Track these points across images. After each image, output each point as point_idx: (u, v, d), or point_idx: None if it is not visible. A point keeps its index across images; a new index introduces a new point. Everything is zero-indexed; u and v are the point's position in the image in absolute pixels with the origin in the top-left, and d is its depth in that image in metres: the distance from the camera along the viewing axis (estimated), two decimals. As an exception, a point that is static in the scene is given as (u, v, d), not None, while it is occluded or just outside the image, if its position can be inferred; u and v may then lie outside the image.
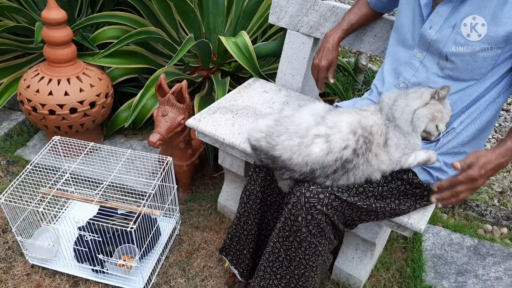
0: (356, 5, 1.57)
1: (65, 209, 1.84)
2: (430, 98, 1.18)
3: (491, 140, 2.56)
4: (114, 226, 1.50)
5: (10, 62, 2.35)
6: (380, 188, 1.24)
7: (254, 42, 2.32)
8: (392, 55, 1.35)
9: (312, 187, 1.19)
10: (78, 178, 1.81)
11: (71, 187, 1.79)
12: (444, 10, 1.18)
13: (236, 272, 1.56)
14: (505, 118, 2.77)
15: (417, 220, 1.30)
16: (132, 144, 2.23)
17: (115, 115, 2.19)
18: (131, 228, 1.39)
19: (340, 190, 1.19)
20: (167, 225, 1.80)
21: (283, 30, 1.96)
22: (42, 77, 1.88)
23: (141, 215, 1.56)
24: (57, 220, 1.79)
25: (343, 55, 3.36)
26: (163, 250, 1.73)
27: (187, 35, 2.29)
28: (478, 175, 1.06)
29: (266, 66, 2.40)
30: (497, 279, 1.71)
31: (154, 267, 1.67)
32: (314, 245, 1.24)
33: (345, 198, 1.19)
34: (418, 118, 1.18)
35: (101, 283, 1.62)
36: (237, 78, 2.42)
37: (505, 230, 1.94)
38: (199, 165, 2.03)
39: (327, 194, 1.18)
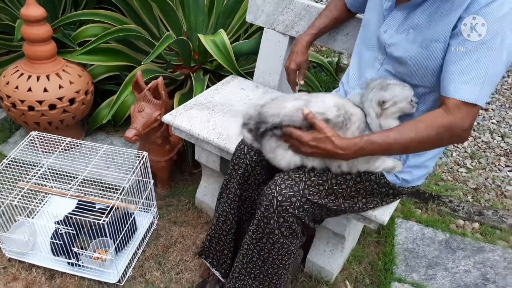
0: (328, 8, 1.61)
1: (43, 204, 1.86)
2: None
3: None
4: (89, 220, 1.52)
5: (-9, 60, 2.37)
6: (348, 189, 1.27)
7: (236, 40, 2.36)
8: (358, 54, 1.39)
9: (284, 191, 1.21)
10: (56, 173, 1.83)
11: (50, 182, 1.81)
12: (399, 16, 1.22)
13: (217, 273, 1.57)
14: (484, 117, 2.82)
15: (381, 212, 1.34)
16: (113, 141, 2.25)
17: (96, 112, 2.21)
18: (103, 221, 1.42)
19: (311, 192, 1.22)
20: (144, 220, 1.83)
21: (262, 29, 2.00)
22: (22, 74, 1.90)
23: (116, 209, 1.59)
24: (35, 215, 1.81)
25: (327, 55, 3.41)
26: (139, 244, 1.76)
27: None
28: (307, 143, 1.14)
29: (247, 64, 2.44)
30: (466, 272, 1.75)
31: (130, 260, 1.70)
32: (287, 245, 1.26)
33: (316, 200, 1.22)
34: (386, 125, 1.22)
35: (77, 276, 1.64)
36: (219, 76, 2.45)
37: (476, 225, 1.99)
38: (178, 161, 2.06)
39: (299, 198, 1.21)
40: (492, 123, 2.76)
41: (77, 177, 1.84)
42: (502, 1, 1.04)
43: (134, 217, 1.77)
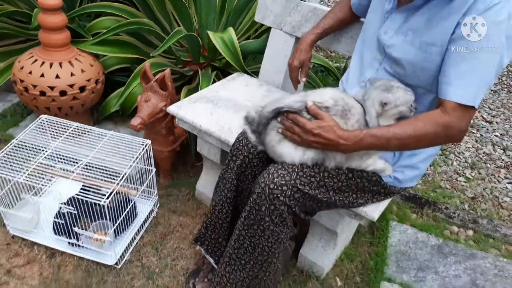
0: (333, 10, 1.66)
1: (49, 186, 1.92)
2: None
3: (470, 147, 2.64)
4: (90, 201, 1.58)
5: (11, 47, 2.46)
6: (340, 183, 1.31)
7: (246, 40, 2.41)
8: (359, 54, 1.44)
9: (276, 179, 1.25)
10: (63, 157, 1.90)
11: (56, 164, 1.88)
12: (399, 18, 1.26)
13: (211, 260, 1.62)
14: (487, 129, 2.84)
15: (372, 209, 1.38)
16: (120, 130, 2.32)
17: (106, 102, 2.28)
18: (104, 202, 1.48)
19: (302, 183, 1.26)
20: (144, 207, 1.89)
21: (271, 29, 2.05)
22: (36, 60, 1.97)
23: (118, 194, 1.65)
24: (41, 195, 1.88)
25: (336, 60, 3.46)
26: (138, 230, 1.82)
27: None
28: (311, 131, 1.17)
29: (255, 64, 2.49)
30: (455, 277, 1.78)
31: (128, 245, 1.75)
32: (277, 233, 1.31)
33: (306, 191, 1.27)
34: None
35: (76, 256, 1.70)
36: (227, 74, 2.50)
37: (470, 232, 2.01)
38: (181, 153, 2.11)
39: (290, 187, 1.25)
40: (496, 135, 2.78)
41: (82, 161, 1.90)
42: (499, 8, 1.08)
43: (135, 203, 1.82)
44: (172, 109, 1.74)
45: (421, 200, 2.14)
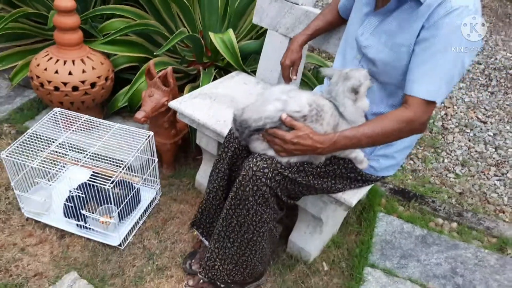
0: (323, 13, 1.79)
1: (63, 172, 2.09)
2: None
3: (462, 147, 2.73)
4: (98, 186, 1.73)
5: (30, 46, 2.65)
6: (318, 169, 1.45)
7: (249, 41, 2.55)
8: (342, 53, 1.57)
9: (259, 162, 1.39)
10: (74, 147, 2.06)
11: (68, 153, 2.05)
12: (374, 21, 1.39)
13: (206, 243, 1.77)
14: (481, 129, 2.93)
15: (350, 196, 1.51)
16: (128, 124, 2.46)
17: (115, 98, 2.44)
18: (108, 186, 1.63)
19: (283, 167, 1.40)
20: (147, 194, 2.04)
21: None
22: (51, 58, 2.14)
23: (123, 181, 1.81)
24: (55, 181, 2.04)
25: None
26: (141, 215, 1.97)
27: (188, 30, 2.55)
28: (290, 141, 1.29)
29: (255, 64, 2.63)
30: (436, 265, 1.88)
31: (132, 228, 1.90)
32: (260, 213, 1.44)
33: (286, 174, 1.40)
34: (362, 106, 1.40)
35: (84, 237, 1.86)
36: (229, 73, 2.65)
37: (454, 224, 2.11)
38: (184, 147, 2.26)
39: (271, 169, 1.38)
40: (489, 135, 2.87)
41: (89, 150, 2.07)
42: (459, 13, 1.20)
43: (139, 191, 1.98)
44: (174, 104, 1.89)
45: (409, 193, 2.25)
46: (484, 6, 4.93)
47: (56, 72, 2.11)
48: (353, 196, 1.51)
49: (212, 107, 1.88)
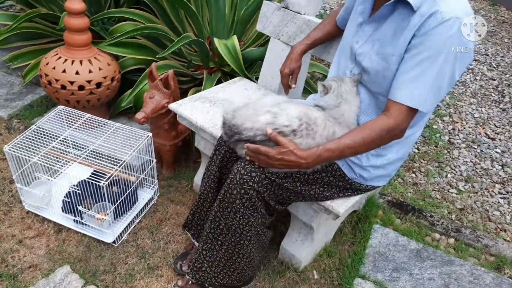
0: (323, 23, 1.81)
1: (65, 168, 2.14)
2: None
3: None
4: (95, 184, 1.77)
5: (44, 45, 2.74)
6: (306, 175, 1.45)
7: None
8: (336, 62, 1.58)
9: (247, 166, 1.41)
10: (75, 144, 2.12)
11: (70, 150, 2.10)
12: (368, 29, 1.40)
13: (197, 244, 1.79)
14: (489, 145, 2.88)
15: (339, 204, 1.51)
16: (132, 125, 2.52)
17: (120, 98, 2.50)
18: (103, 184, 1.67)
19: (270, 172, 1.41)
20: (145, 194, 2.07)
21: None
22: (60, 57, 2.21)
23: (121, 180, 1.85)
24: (56, 176, 2.10)
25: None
26: (137, 214, 2.00)
27: (196, 35, 2.60)
28: (274, 157, 1.30)
29: (259, 70, 2.66)
30: (429, 280, 1.86)
31: (127, 227, 1.94)
32: (247, 216, 1.45)
33: (273, 179, 1.41)
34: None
35: (80, 232, 1.90)
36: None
37: (452, 240, 2.08)
38: (183, 148, 2.29)
39: (259, 173, 1.40)
40: (496, 152, 2.82)
41: (92, 150, 2.12)
42: (451, 24, 1.20)
43: (136, 190, 2.01)
44: (173, 106, 1.93)
45: (407, 206, 2.23)
46: (504, 21, 4.87)
47: (64, 71, 2.18)
48: (342, 205, 1.51)
49: (211, 110, 1.91)
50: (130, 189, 1.91)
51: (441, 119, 3.07)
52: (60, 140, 1.93)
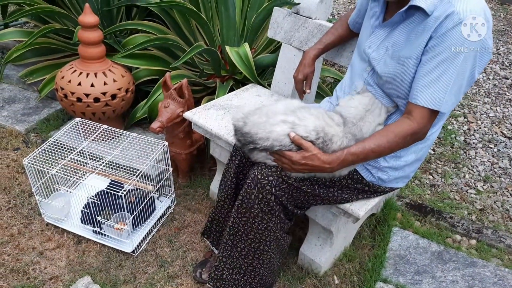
0: (334, 27, 1.81)
1: (83, 180, 2.16)
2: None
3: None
4: (114, 194, 1.79)
5: (59, 60, 2.78)
6: (323, 178, 1.45)
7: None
8: (352, 66, 1.57)
9: (263, 171, 1.40)
10: (92, 155, 2.14)
11: (86, 161, 2.12)
12: (381, 34, 1.39)
13: (216, 252, 1.79)
14: (506, 144, 2.84)
15: (358, 207, 1.50)
16: (147, 135, 2.54)
17: (135, 109, 2.52)
18: (121, 193, 1.68)
19: (287, 175, 1.41)
20: (162, 203, 2.08)
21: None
22: (75, 70, 2.24)
23: (138, 190, 1.86)
24: (75, 188, 2.12)
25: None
26: (155, 223, 2.01)
27: (207, 44, 2.62)
28: (298, 161, 1.30)
29: (271, 78, 2.66)
30: (452, 282, 1.83)
31: (146, 236, 1.94)
32: (266, 221, 1.45)
33: (291, 182, 1.41)
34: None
35: (99, 243, 1.91)
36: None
37: (473, 241, 2.05)
38: (200, 157, 2.30)
39: (276, 177, 1.40)
40: (514, 151, 2.78)
41: (110, 161, 2.14)
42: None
43: (153, 199, 2.02)
44: (188, 114, 1.94)
45: (426, 208, 2.20)
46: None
47: (79, 84, 2.21)
48: (361, 208, 1.50)
49: (225, 118, 1.92)
50: (147, 198, 1.92)
51: (455, 120, 3.04)
52: (77, 152, 1.95)
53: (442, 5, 1.22)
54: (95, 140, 2.03)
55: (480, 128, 2.98)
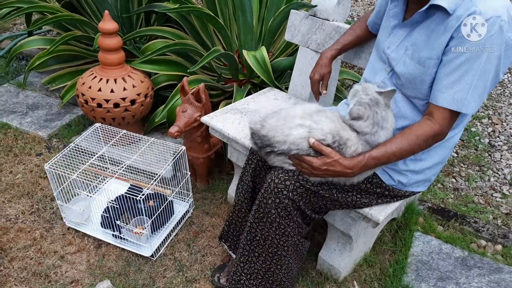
0: (352, 27, 1.78)
1: (103, 184, 2.19)
2: None
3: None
4: (133, 198, 1.80)
5: (80, 67, 2.84)
6: (340, 182, 1.42)
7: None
8: (371, 66, 1.55)
9: (280, 175, 1.39)
10: (112, 160, 2.16)
11: (106, 165, 2.15)
12: (400, 34, 1.37)
13: (234, 256, 1.78)
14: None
15: (377, 212, 1.46)
16: (166, 140, 2.56)
17: (154, 114, 2.55)
18: (140, 197, 1.69)
19: (305, 179, 1.39)
20: (180, 207, 2.09)
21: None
22: (95, 76, 2.28)
23: (157, 193, 1.87)
24: (95, 192, 2.15)
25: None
26: (174, 227, 2.01)
27: (224, 49, 2.63)
28: (319, 167, 1.28)
29: (289, 81, 2.65)
30: (477, 289, 1.77)
31: (164, 240, 1.95)
32: (283, 226, 1.43)
33: (308, 186, 1.39)
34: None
35: (119, 247, 1.93)
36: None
37: (499, 247, 1.98)
38: (217, 161, 2.30)
39: (293, 182, 1.38)
40: (542, 153, 2.68)
41: (129, 165, 2.16)
42: (491, 23, 1.16)
43: (172, 204, 2.03)
44: (205, 118, 1.94)
45: (449, 213, 2.14)
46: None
47: (99, 90, 2.24)
48: (381, 212, 1.46)
49: (242, 121, 1.92)
50: (166, 203, 1.93)
51: (479, 121, 2.96)
52: (97, 157, 1.98)
53: (464, 4, 1.19)
54: (114, 145, 2.05)
55: (505, 130, 2.90)
